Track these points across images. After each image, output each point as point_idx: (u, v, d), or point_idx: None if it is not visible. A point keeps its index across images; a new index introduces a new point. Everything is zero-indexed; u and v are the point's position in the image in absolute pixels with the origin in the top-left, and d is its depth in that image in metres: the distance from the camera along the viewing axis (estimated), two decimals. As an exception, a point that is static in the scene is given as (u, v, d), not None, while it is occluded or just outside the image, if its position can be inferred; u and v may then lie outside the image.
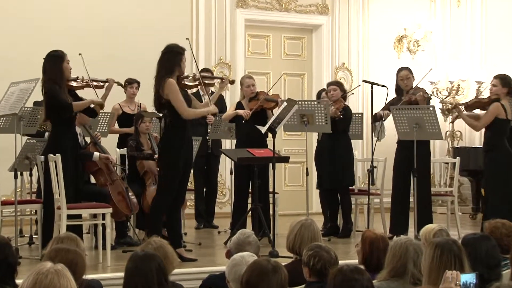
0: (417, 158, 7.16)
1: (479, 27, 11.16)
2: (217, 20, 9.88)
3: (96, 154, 6.71)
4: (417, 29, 10.91)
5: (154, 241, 3.84)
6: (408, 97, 7.56)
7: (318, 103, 7.62)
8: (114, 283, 4.86)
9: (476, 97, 8.53)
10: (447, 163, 9.05)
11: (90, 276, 3.85)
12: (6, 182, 7.45)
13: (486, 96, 7.98)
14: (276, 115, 6.85)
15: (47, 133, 7.00)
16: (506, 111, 7.33)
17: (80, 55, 6.42)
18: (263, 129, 6.86)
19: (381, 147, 7.66)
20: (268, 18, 10.33)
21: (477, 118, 7.60)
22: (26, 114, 6.75)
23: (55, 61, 6.23)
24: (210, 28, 9.84)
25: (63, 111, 6.17)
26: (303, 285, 3.71)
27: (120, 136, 7.95)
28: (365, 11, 10.81)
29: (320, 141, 8.09)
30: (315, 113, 7.39)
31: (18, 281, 3.35)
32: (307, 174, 7.35)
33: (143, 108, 7.88)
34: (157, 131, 7.39)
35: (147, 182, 7.18)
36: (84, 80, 6.45)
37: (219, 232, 8.13)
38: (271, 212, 7.35)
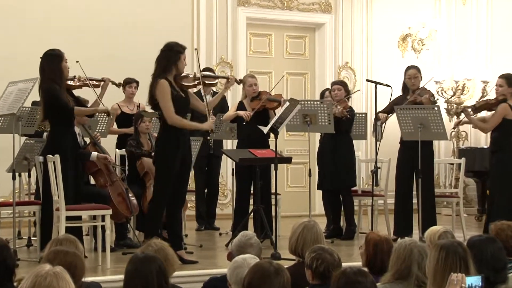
0: (420, 158, 7.12)
1: (485, 25, 11.10)
2: (219, 18, 9.83)
3: (94, 153, 6.66)
4: (421, 27, 10.83)
5: (154, 243, 3.82)
6: (414, 97, 7.51)
7: (321, 102, 7.61)
8: (113, 286, 4.85)
9: (481, 98, 8.50)
10: (452, 164, 9.00)
11: (89, 278, 3.86)
12: (4, 183, 7.44)
13: (492, 96, 7.95)
14: (278, 115, 6.81)
15: (45, 133, 6.97)
16: (514, 111, 7.33)
17: (77, 62, 6.37)
18: (265, 129, 6.83)
19: (385, 147, 7.63)
20: (270, 16, 10.26)
21: (484, 120, 7.57)
22: (25, 114, 6.74)
23: (54, 60, 6.20)
24: (211, 26, 9.79)
25: (63, 112, 6.13)
26: (306, 288, 3.69)
27: (119, 136, 7.92)
28: (369, 9, 10.74)
29: (322, 141, 8.04)
30: (318, 113, 7.37)
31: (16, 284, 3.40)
32: (309, 175, 7.33)
33: (142, 108, 7.81)
34: (157, 131, 7.31)
35: (147, 183, 7.13)
36: (81, 80, 6.45)
37: (221, 234, 8.11)
38: (273, 214, 7.34)
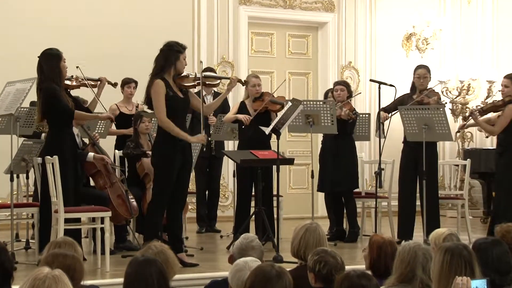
0: (424, 160, 7.05)
1: (490, 24, 11.05)
2: (220, 17, 9.78)
3: (91, 154, 6.63)
4: (426, 26, 10.76)
5: (154, 245, 3.79)
6: (420, 98, 7.43)
7: (324, 103, 7.57)
8: (113, 289, 4.87)
9: (487, 98, 8.43)
10: (457, 165, 8.93)
11: (88, 281, 3.89)
12: (1, 185, 7.43)
13: (497, 96, 7.89)
14: (280, 115, 6.77)
15: (44, 134, 6.95)
16: (521, 112, 7.28)
17: (77, 68, 6.38)
18: (267, 130, 6.79)
19: (388, 148, 7.56)
20: (272, 15, 10.21)
21: (490, 121, 7.54)
22: (23, 114, 6.72)
23: (53, 60, 6.16)
24: (212, 25, 9.75)
25: (63, 113, 6.10)
26: (308, 291, 3.67)
27: (118, 137, 7.88)
28: (372, 8, 10.69)
29: (323, 142, 8.00)
30: (320, 113, 7.33)
31: (14, 287, 3.42)
32: (312, 176, 7.29)
33: (141, 108, 7.74)
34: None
35: (147, 185, 7.08)
36: (78, 79, 6.44)
37: (222, 236, 8.08)
38: (275, 216, 7.29)
